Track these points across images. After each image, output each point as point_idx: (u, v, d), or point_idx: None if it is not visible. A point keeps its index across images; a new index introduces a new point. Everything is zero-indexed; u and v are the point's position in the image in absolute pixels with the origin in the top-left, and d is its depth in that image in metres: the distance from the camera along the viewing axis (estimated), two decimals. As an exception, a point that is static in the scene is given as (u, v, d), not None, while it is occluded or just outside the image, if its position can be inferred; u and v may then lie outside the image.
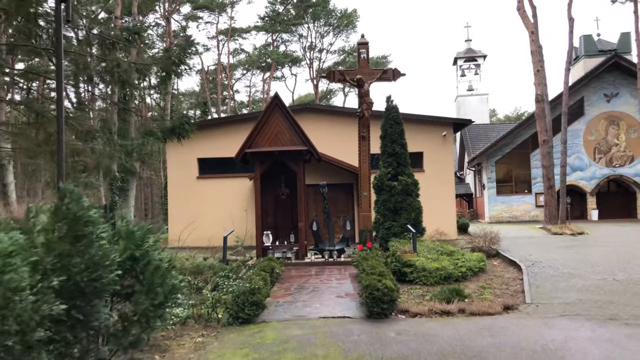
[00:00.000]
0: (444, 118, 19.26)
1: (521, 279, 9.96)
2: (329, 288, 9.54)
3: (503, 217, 31.31)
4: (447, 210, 18.46)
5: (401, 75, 13.43)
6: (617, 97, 31.17)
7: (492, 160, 32.09)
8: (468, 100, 43.32)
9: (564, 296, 7.90)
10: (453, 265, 10.38)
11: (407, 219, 13.36)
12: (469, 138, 37.36)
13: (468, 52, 45.25)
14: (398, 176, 13.71)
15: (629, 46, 32.52)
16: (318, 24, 51.93)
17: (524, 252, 13.52)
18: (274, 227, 13.99)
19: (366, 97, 13.17)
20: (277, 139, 13.18)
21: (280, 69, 55.73)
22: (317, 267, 12.36)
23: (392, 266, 10.44)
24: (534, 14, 24.56)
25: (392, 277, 8.13)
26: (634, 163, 30.59)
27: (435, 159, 18.68)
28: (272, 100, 13.49)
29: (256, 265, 10.41)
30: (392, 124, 13.99)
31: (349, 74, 13.44)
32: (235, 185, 18.45)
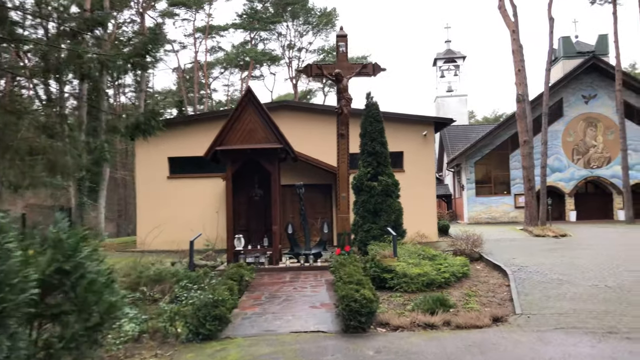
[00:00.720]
0: (424, 117, 18.72)
1: (507, 285, 9.38)
2: (303, 297, 8.81)
3: (482, 218, 31.04)
4: (428, 211, 17.90)
5: (381, 70, 12.81)
6: (595, 99, 31.19)
7: (471, 161, 31.81)
8: (447, 101, 43.13)
9: (556, 306, 7.32)
10: (436, 271, 9.75)
11: (387, 221, 12.72)
12: (448, 139, 37.10)
13: (448, 53, 45.09)
14: (378, 176, 13.05)
15: (606, 48, 32.59)
16: (297, 22, 51.20)
17: (507, 255, 12.99)
18: (247, 230, 13.19)
19: (345, 93, 12.50)
20: (250, 137, 12.40)
21: (259, 68, 54.85)
22: (292, 273, 11.62)
23: (371, 272, 9.77)
24: (514, 13, 24.25)
25: (371, 286, 7.45)
26: (611, 164, 30.62)
27: (415, 159, 18.12)
28: (244, 95, 12.71)
29: (224, 272, 9.62)
30: (372, 121, 13.33)
31: (327, 69, 12.76)
32: (208, 186, 17.58)
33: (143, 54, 12.36)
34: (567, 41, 33.58)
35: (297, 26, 51.63)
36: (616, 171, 29.70)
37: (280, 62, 53.53)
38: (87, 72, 12.33)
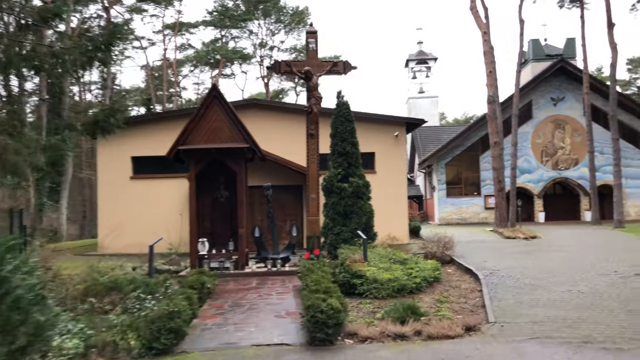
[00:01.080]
0: (396, 117, 18.49)
1: (479, 290, 9.13)
2: (268, 305, 8.36)
3: (453, 219, 31.11)
4: (400, 213, 17.65)
5: (352, 69, 12.47)
6: (563, 102, 31.64)
7: (442, 162, 31.87)
8: (419, 102, 43.27)
9: (530, 313, 7.07)
10: (407, 276, 9.43)
11: (357, 224, 12.37)
12: (420, 140, 37.16)
13: (420, 54, 45.26)
14: (349, 177, 12.70)
15: (574, 51, 33.12)
16: (269, 20, 50.59)
17: (479, 258, 12.82)
18: (212, 234, 12.63)
19: (315, 91, 12.11)
20: (216, 135, 11.87)
21: (230, 66, 53.97)
22: (259, 279, 11.15)
23: (340, 277, 9.37)
24: (486, 15, 24.32)
25: (340, 295, 7.05)
26: (578, 166, 31.10)
27: (387, 160, 17.84)
28: (209, 92, 12.18)
29: (185, 279, 9.10)
30: (343, 121, 12.96)
31: (297, 66, 12.34)
32: (174, 187, 16.91)
33: (102, 48, 11.70)
34: (536, 44, 34.00)
35: (269, 24, 51.04)
36: (583, 173, 30.16)
37: (252, 61, 52.78)
38: (41, 66, 11.64)
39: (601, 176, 29.22)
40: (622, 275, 9.37)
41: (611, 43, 24.27)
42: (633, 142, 30.62)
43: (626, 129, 29.28)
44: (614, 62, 24.47)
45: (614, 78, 24.99)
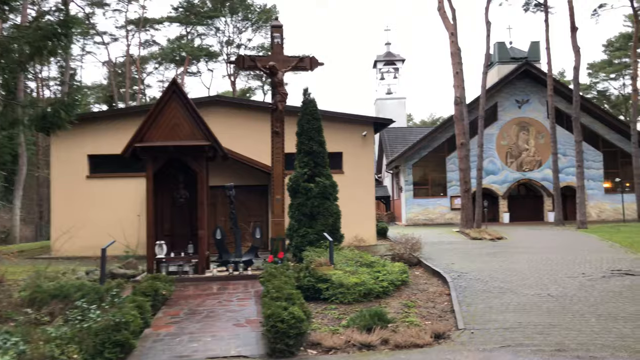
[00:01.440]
0: (364, 117, 18.21)
1: (448, 293, 8.87)
2: (227, 312, 7.87)
3: (419, 220, 31.16)
4: (367, 214, 17.36)
5: (319, 65, 12.08)
6: (528, 104, 32.12)
7: (409, 163, 31.90)
8: (387, 104, 43.32)
9: (500, 318, 6.81)
10: (374, 279, 9.10)
11: (324, 225, 11.99)
12: (387, 141, 37.16)
13: (387, 55, 45.34)
14: (315, 177, 12.31)
15: (538, 54, 33.69)
16: (236, 18, 49.81)
17: (446, 260, 12.64)
18: (171, 236, 12.00)
19: (280, 88, 11.66)
20: (174, 132, 11.27)
21: (196, 64, 52.95)
22: (219, 283, 10.61)
23: (305, 282, 8.96)
24: (453, 16, 24.36)
25: (303, 302, 6.63)
26: (541, 168, 31.60)
27: (355, 160, 17.53)
28: (168, 87, 11.55)
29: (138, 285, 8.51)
30: (310, 119, 12.56)
31: (261, 61, 11.86)
32: (133, 186, 16.12)
33: (51, 37, 10.94)
34: (502, 47, 34.44)
35: (236, 22, 50.26)
36: (547, 174, 30.66)
37: (218, 59, 51.88)
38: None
39: (564, 178, 29.77)
40: (590, 277, 9.27)
41: (574, 46, 24.69)
42: (594, 145, 31.33)
43: (587, 132, 29.91)
44: (577, 65, 24.89)
45: (577, 81, 25.43)
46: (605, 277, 9.25)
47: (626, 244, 14.33)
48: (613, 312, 6.80)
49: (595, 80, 55.95)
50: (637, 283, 8.61)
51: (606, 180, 31.37)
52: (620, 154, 31.47)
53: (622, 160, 31.29)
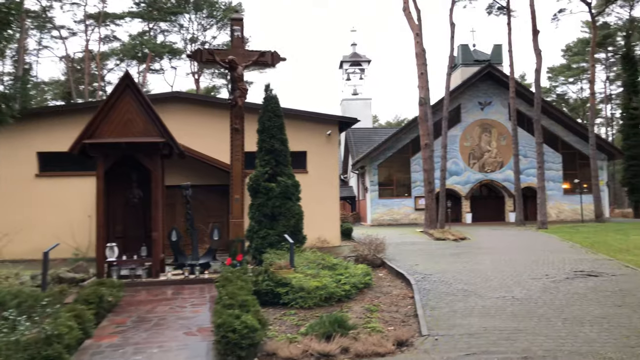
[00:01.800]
0: (329, 115, 17.86)
1: (411, 296, 8.60)
2: (179, 319, 7.36)
3: (384, 220, 31.14)
4: (331, 215, 17.03)
5: (281, 60, 11.67)
6: (490, 106, 32.54)
7: (374, 164, 31.84)
8: (353, 104, 43.20)
9: (464, 323, 6.56)
10: (335, 283, 8.74)
11: (285, 226, 11.57)
12: (353, 141, 37.04)
13: (353, 56, 45.26)
14: (277, 177, 11.87)
15: (501, 57, 34.20)
16: (200, 15, 48.78)
17: (410, 261, 12.42)
18: (124, 238, 11.37)
19: (240, 83, 11.19)
20: (127, 129, 10.65)
21: (159, 61, 51.53)
22: (174, 287, 10.06)
23: (263, 286, 8.53)
24: (418, 17, 24.36)
25: (258, 309, 6.20)
26: (503, 169, 32.07)
27: (319, 159, 17.18)
28: (121, 81, 10.91)
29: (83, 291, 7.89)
30: (272, 116, 12.11)
31: (220, 54, 11.36)
32: (86, 185, 15.21)
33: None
34: (465, 49, 34.81)
35: (201, 19, 49.24)
36: (508, 175, 31.12)
37: (182, 56, 50.62)
38: None
39: (525, 179, 30.26)
40: (554, 279, 9.19)
41: (536, 49, 25.07)
42: (554, 147, 32.00)
43: (547, 134, 30.49)
44: (538, 68, 25.29)
45: (538, 83, 25.84)
46: (568, 278, 9.19)
47: (586, 245, 14.47)
48: (578, 315, 6.65)
49: (554, 84, 57.50)
50: (600, 285, 8.55)
51: (565, 181, 32.10)
52: (579, 156, 32.25)
53: (580, 161, 32.09)
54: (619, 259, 11.54)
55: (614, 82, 52.47)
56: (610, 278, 9.08)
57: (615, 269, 10.08)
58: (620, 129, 40.91)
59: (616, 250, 13.03)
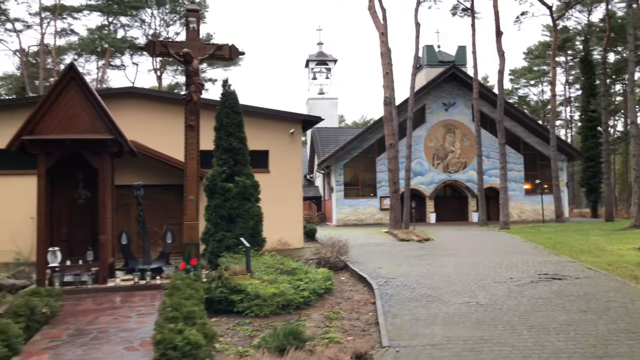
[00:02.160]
0: (292, 113, 17.37)
1: (373, 302, 8.24)
2: (121, 331, 6.75)
3: (350, 220, 30.91)
4: (294, 215, 16.56)
5: (240, 54, 11.11)
6: (454, 107, 32.74)
7: (340, 164, 31.58)
8: (319, 104, 42.87)
9: (427, 332, 6.20)
10: (294, 289, 8.29)
11: (244, 229, 11.04)
12: (319, 141, 36.69)
13: (320, 55, 44.93)
14: (235, 176, 11.33)
15: (465, 59, 34.45)
16: (163, 10, 47.49)
17: (373, 263, 12.10)
18: (69, 241, 10.61)
19: (195, 77, 10.57)
20: (72, 124, 9.89)
21: (120, 57, 49.91)
22: (123, 295, 9.38)
23: (217, 293, 8.02)
24: (384, 16, 24.17)
25: (205, 321, 5.67)
26: (466, 169, 32.32)
27: (282, 159, 16.68)
28: (65, 72, 10.14)
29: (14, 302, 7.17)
30: (229, 113, 11.56)
31: (174, 47, 10.72)
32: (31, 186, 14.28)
33: None
34: (430, 50, 34.92)
35: (163, 14, 47.96)
36: (471, 176, 31.37)
37: (144, 52, 49.07)
38: None
39: (487, 179, 30.57)
40: (518, 282, 8.99)
41: (499, 50, 25.25)
42: (515, 148, 32.44)
43: (510, 135, 30.86)
44: (501, 69, 25.48)
45: (501, 84, 26.05)
46: (533, 282, 9.00)
47: (549, 246, 14.48)
48: (545, 322, 6.40)
49: (516, 86, 58.66)
50: (564, 289, 8.38)
51: (526, 182, 32.59)
52: (539, 157, 32.81)
53: (541, 162, 32.65)
54: (582, 260, 11.50)
55: (573, 85, 53.89)
56: (574, 281, 8.95)
57: (579, 272, 9.98)
58: (579, 131, 41.96)
59: (578, 252, 13.04)
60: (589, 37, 38.85)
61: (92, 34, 46.32)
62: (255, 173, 13.30)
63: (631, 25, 22.54)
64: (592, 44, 39.56)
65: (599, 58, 37.97)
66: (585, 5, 38.34)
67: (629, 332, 5.91)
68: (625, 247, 13.68)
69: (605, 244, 14.58)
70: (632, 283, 8.73)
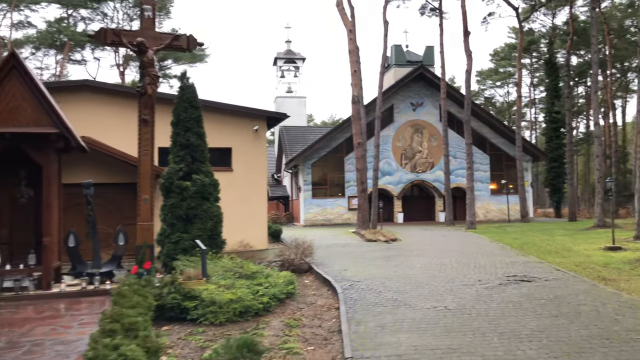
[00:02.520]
0: (256, 110, 16.80)
1: (337, 307, 7.80)
2: (57, 344, 6.10)
3: (318, 220, 30.49)
4: (258, 216, 16.01)
5: (198, 45, 10.51)
6: (422, 107, 32.70)
7: (308, 163, 31.11)
8: (287, 102, 42.28)
9: (393, 341, 5.79)
10: (253, 294, 7.78)
11: (202, 230, 10.44)
12: (287, 140, 36.14)
13: (288, 53, 44.36)
14: (192, 174, 10.71)
15: (432, 59, 34.47)
16: (126, 4, 46.00)
17: (339, 265, 11.68)
18: (10, 243, 9.80)
19: (150, 68, 9.91)
20: (13, 117, 9.10)
21: (80, 51, 48.14)
22: (68, 301, 8.66)
23: (169, 299, 7.44)
24: (352, 13, 23.81)
25: (148, 334, 5.09)
26: (434, 169, 32.33)
27: (246, 157, 16.11)
28: (6, 61, 9.31)
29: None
30: (187, 107, 10.94)
31: (127, 36, 10.02)
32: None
33: None
34: (398, 50, 34.81)
35: (126, 8, 46.46)
36: (438, 176, 31.40)
37: (106, 47, 47.52)
38: None
39: (454, 179, 30.64)
40: (487, 285, 8.70)
41: (467, 50, 25.25)
42: (482, 148, 32.64)
43: (476, 136, 31.00)
44: (469, 69, 25.50)
45: (468, 84, 26.07)
46: (502, 284, 8.73)
47: (516, 246, 14.36)
48: (515, 329, 6.07)
49: (482, 87, 59.45)
50: (534, 291, 8.13)
51: (492, 182, 32.83)
52: (505, 157, 33.11)
53: (507, 163, 32.96)
54: (549, 261, 11.35)
55: (537, 87, 54.94)
56: (544, 283, 8.72)
57: (547, 273, 9.79)
58: (543, 132, 42.66)
59: (545, 252, 12.93)
60: (554, 40, 39.54)
61: (51, 27, 44.50)
62: (217, 171, 12.72)
63: (594, 27, 22.86)
64: (556, 47, 40.30)
65: (562, 60, 38.73)
66: (549, 8, 39.01)
67: (602, 338, 5.64)
68: (590, 247, 13.68)
69: (571, 244, 14.57)
70: (601, 285, 8.56)
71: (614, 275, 9.50)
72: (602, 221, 21.72)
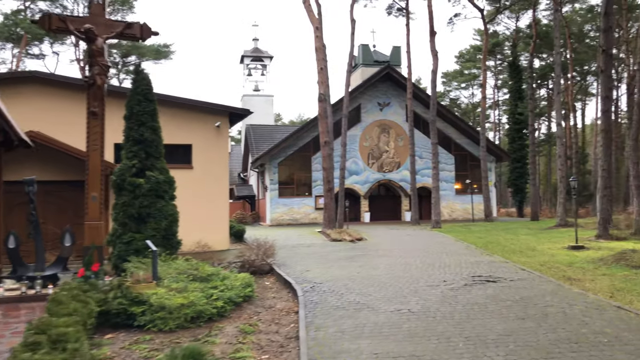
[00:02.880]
0: (218, 105, 16.20)
1: (296, 311, 7.40)
2: (-18, 358, 5.50)
3: (284, 220, 30.03)
4: (219, 215, 15.44)
5: (153, 34, 9.91)
6: (389, 107, 32.65)
7: (275, 162, 30.62)
8: (254, 100, 41.63)
9: (353, 348, 5.42)
10: (206, 298, 7.28)
11: (155, 230, 9.84)
12: (254, 138, 35.53)
13: (255, 51, 43.73)
14: (146, 171, 10.09)
15: (399, 59, 34.46)
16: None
17: (301, 266, 11.28)
18: (-57, 245, 9.02)
19: (99, 58, 9.27)
20: (-56, 107, 8.35)
21: (38, 45, 46.25)
22: (6, 307, 7.90)
23: (114, 304, 6.88)
24: (319, 11, 23.49)
25: (78, 346, 4.55)
26: (400, 169, 32.32)
27: (207, 154, 15.52)
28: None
29: None
30: (141, 100, 10.30)
31: (75, 22, 9.35)
32: None
33: None
34: (366, 49, 34.66)
35: (87, 1, 44.80)
36: (404, 175, 31.39)
37: (66, 41, 45.84)
38: None
39: (420, 179, 30.67)
40: (452, 286, 8.44)
41: (433, 50, 25.25)
42: (447, 148, 32.80)
43: (441, 136, 31.12)
44: (435, 69, 25.51)
45: (434, 84, 26.08)
46: (467, 285, 8.48)
47: (481, 245, 14.27)
48: (481, 332, 5.79)
49: (448, 89, 60.14)
50: (499, 292, 7.90)
51: (457, 182, 33.05)
52: (470, 158, 33.37)
53: (471, 163, 33.22)
54: (514, 261, 11.24)
55: (501, 88, 55.88)
56: (509, 284, 8.52)
57: (513, 273, 9.62)
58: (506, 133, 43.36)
59: (510, 252, 12.86)
60: (517, 43, 40.18)
61: (7, 19, 42.59)
62: (176, 169, 12.15)
63: (557, 29, 23.17)
64: (520, 49, 40.96)
65: (525, 63, 39.37)
66: (513, 11, 39.61)
67: (570, 341, 5.41)
68: (554, 247, 13.69)
69: (535, 244, 14.58)
70: (567, 285, 8.42)
71: (579, 275, 9.41)
72: (564, 220, 22.03)
